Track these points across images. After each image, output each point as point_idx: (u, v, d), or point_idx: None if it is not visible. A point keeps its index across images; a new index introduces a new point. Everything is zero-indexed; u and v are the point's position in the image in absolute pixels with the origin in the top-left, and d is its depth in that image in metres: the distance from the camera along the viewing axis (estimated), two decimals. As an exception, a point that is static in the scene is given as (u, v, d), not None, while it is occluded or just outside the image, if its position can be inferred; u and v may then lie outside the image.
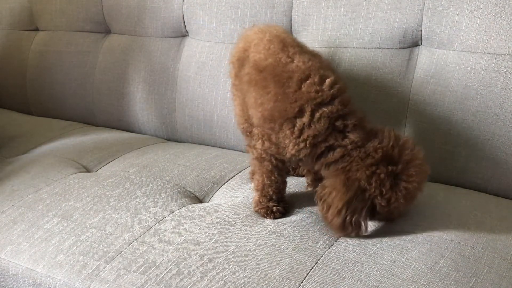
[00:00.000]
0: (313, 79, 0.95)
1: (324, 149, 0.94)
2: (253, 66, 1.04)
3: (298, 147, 0.94)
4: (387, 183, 0.88)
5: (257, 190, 1.07)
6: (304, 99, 0.93)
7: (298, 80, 0.95)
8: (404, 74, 1.20)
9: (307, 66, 0.97)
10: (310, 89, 0.94)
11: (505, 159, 1.11)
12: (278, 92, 0.96)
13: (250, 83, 1.04)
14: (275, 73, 0.98)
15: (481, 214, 1.01)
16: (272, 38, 1.05)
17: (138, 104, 1.61)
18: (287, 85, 0.96)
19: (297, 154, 0.96)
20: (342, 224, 0.91)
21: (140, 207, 1.10)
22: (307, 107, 0.93)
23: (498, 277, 0.85)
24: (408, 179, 0.89)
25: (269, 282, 0.86)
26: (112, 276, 0.92)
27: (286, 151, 0.97)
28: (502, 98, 1.09)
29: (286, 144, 0.96)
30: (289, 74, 0.97)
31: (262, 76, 1.00)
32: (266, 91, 0.98)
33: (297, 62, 0.98)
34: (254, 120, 1.04)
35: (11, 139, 1.60)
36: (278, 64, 0.99)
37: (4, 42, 1.93)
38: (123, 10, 1.62)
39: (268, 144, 1.00)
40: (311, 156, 0.95)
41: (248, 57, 1.07)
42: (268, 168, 1.04)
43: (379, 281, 0.84)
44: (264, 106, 0.98)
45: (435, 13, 1.15)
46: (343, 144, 0.92)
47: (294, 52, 1.01)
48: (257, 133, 1.03)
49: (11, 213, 1.13)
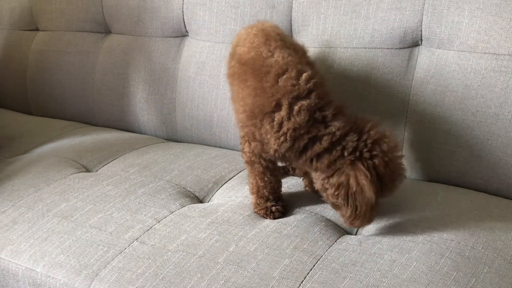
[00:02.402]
0: (290, 74, 0.95)
1: (308, 141, 0.93)
2: (237, 59, 1.05)
3: (279, 141, 0.94)
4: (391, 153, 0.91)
5: (253, 193, 1.07)
6: (281, 93, 0.94)
7: (276, 74, 0.95)
8: (404, 74, 1.20)
9: (286, 61, 0.97)
10: (286, 83, 0.94)
11: (505, 159, 1.11)
12: (257, 86, 0.97)
13: (233, 76, 1.04)
14: (255, 67, 0.99)
15: (481, 214, 1.01)
16: (257, 32, 1.06)
17: (138, 104, 1.61)
18: (265, 80, 0.96)
19: (279, 149, 0.95)
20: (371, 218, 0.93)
21: (140, 207, 1.10)
22: (284, 100, 0.93)
23: (498, 277, 0.85)
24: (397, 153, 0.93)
25: (269, 282, 0.86)
26: (112, 276, 0.92)
27: (269, 147, 0.97)
28: (502, 98, 1.09)
29: (268, 139, 0.96)
30: (268, 69, 0.97)
31: (243, 70, 1.01)
32: (246, 85, 0.99)
33: (276, 57, 0.98)
34: (239, 115, 1.03)
35: (11, 139, 1.60)
36: (259, 57, 1.00)
37: (4, 42, 1.93)
38: (123, 10, 1.62)
39: (254, 144, 1.00)
40: (294, 151, 0.94)
41: (236, 52, 1.08)
42: (259, 170, 1.04)
43: (379, 281, 0.84)
44: (245, 100, 0.99)
45: (435, 13, 1.15)
46: (328, 132, 0.91)
47: (276, 46, 1.01)
48: (243, 136, 1.04)
49: (11, 213, 1.13)
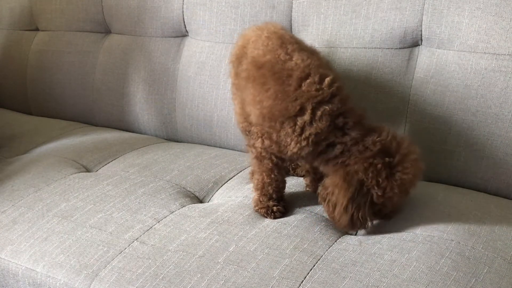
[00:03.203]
0: (313, 78, 0.95)
1: (325, 146, 0.95)
2: (251, 62, 1.04)
3: (300, 145, 0.95)
4: (383, 173, 0.90)
5: (257, 189, 1.07)
6: (305, 97, 0.94)
7: (298, 78, 0.96)
8: (404, 74, 1.20)
9: (306, 64, 0.97)
10: (310, 88, 0.94)
11: (505, 159, 1.11)
12: (278, 90, 0.97)
13: (248, 79, 1.04)
14: (274, 70, 0.99)
15: (481, 214, 1.01)
16: (270, 35, 1.06)
17: (138, 104, 1.61)
18: (287, 83, 0.96)
19: (299, 152, 0.96)
20: (351, 220, 0.92)
21: (140, 207, 1.10)
22: (308, 105, 0.94)
23: (498, 277, 0.85)
24: (404, 170, 0.91)
25: (269, 282, 0.86)
26: (112, 276, 0.92)
27: (287, 149, 0.97)
28: (502, 98, 1.09)
29: (288, 142, 0.96)
30: (289, 72, 0.97)
31: (260, 73, 1.01)
32: (265, 88, 0.98)
33: (295, 60, 0.98)
34: (252, 117, 1.04)
35: (11, 139, 1.60)
36: (277, 61, 1.00)
37: (4, 42, 1.93)
38: (123, 10, 1.62)
39: (268, 143, 1.00)
40: (312, 154, 0.96)
41: (246, 54, 1.07)
42: (268, 166, 1.04)
43: (379, 281, 0.84)
44: (263, 103, 0.98)
45: (435, 13, 1.15)
46: (343, 141, 0.93)
47: (293, 49, 1.01)
48: (256, 132, 1.03)
49: (11, 213, 1.13)
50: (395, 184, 0.91)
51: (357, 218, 0.92)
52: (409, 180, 0.92)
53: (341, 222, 0.94)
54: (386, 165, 0.90)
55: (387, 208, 0.95)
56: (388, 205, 0.94)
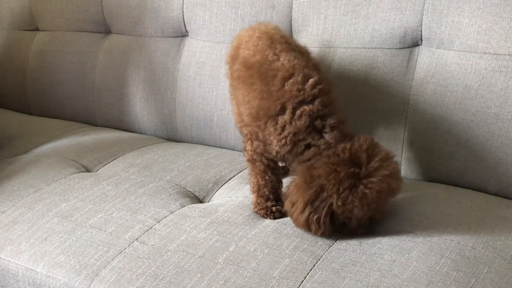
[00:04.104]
0: (296, 78, 0.95)
1: (303, 147, 0.94)
2: (242, 62, 1.05)
3: (281, 143, 0.95)
4: (346, 183, 0.87)
5: (253, 191, 1.07)
6: (286, 97, 0.94)
7: (282, 78, 0.96)
8: (404, 74, 1.20)
9: (292, 65, 0.97)
10: (292, 88, 0.95)
11: (505, 159, 1.11)
12: (264, 89, 0.97)
13: (239, 79, 1.04)
14: (261, 70, 0.99)
15: (481, 214, 1.01)
16: (261, 35, 1.06)
17: (138, 104, 1.61)
18: (272, 83, 0.96)
19: (280, 151, 0.96)
20: (306, 222, 0.92)
21: (140, 207, 1.10)
22: (288, 104, 0.94)
23: (498, 277, 0.85)
24: (368, 185, 0.87)
25: (269, 282, 0.86)
26: (112, 276, 0.92)
27: (271, 148, 0.98)
28: (502, 98, 1.09)
29: (271, 141, 0.97)
30: (274, 72, 0.97)
31: (249, 73, 1.01)
32: (253, 88, 0.99)
33: (282, 60, 0.99)
34: (244, 117, 1.04)
35: (11, 139, 1.60)
36: (265, 61, 1.00)
37: (4, 42, 1.93)
38: (123, 10, 1.62)
39: (256, 143, 1.01)
40: (292, 154, 0.96)
41: (239, 55, 1.08)
42: (260, 168, 1.05)
43: (379, 281, 0.84)
44: (251, 103, 0.99)
45: (435, 13, 1.15)
46: (317, 144, 0.93)
47: (281, 50, 1.01)
48: (246, 134, 1.04)
49: (11, 213, 1.13)
50: (356, 197, 0.87)
51: (312, 221, 0.91)
52: (373, 196, 0.87)
53: (298, 221, 0.93)
54: (350, 175, 0.87)
55: (353, 223, 0.92)
56: (352, 219, 0.91)
